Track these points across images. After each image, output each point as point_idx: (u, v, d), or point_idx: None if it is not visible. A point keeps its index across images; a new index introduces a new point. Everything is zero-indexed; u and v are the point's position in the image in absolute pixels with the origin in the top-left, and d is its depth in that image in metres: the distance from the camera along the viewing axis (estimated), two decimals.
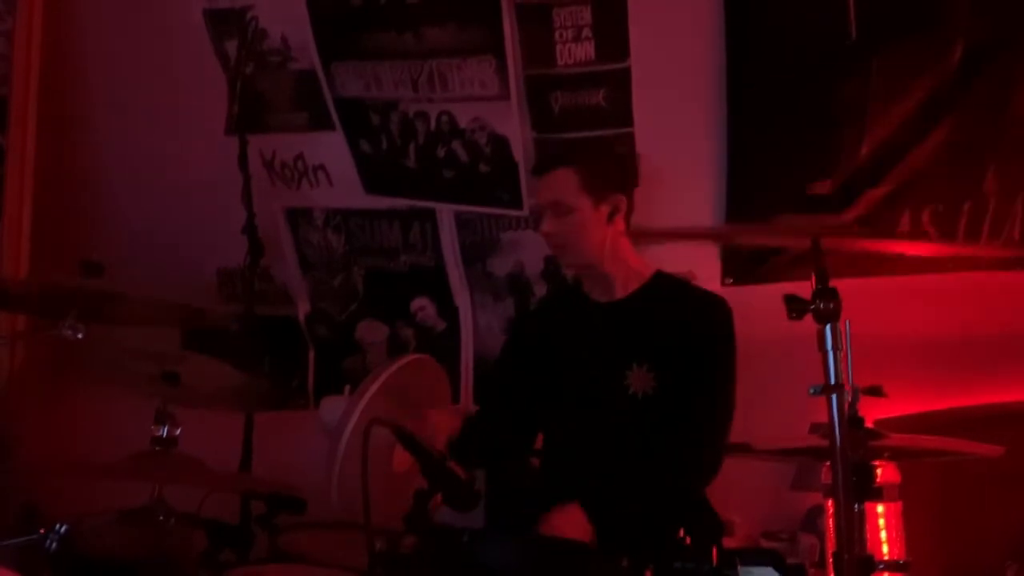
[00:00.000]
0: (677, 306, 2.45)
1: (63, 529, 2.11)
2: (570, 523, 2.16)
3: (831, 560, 1.64)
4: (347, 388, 3.21)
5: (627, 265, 2.50)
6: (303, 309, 3.60)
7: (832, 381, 1.56)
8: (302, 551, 2.22)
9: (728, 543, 2.50)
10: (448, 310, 3.46)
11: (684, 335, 2.37)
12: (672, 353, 2.36)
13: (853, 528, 1.59)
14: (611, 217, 2.44)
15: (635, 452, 2.35)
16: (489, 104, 3.17)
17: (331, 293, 3.58)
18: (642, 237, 2.59)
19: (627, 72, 3.04)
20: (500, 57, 3.09)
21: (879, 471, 1.95)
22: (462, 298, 3.44)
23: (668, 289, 2.51)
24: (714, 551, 1.70)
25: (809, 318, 1.65)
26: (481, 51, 3.12)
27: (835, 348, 1.57)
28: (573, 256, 2.50)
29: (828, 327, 1.58)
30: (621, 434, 2.38)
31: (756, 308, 2.21)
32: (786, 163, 2.98)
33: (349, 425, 2.09)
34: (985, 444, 2.00)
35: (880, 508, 2.39)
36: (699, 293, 2.51)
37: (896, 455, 2.09)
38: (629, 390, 2.36)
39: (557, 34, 3.05)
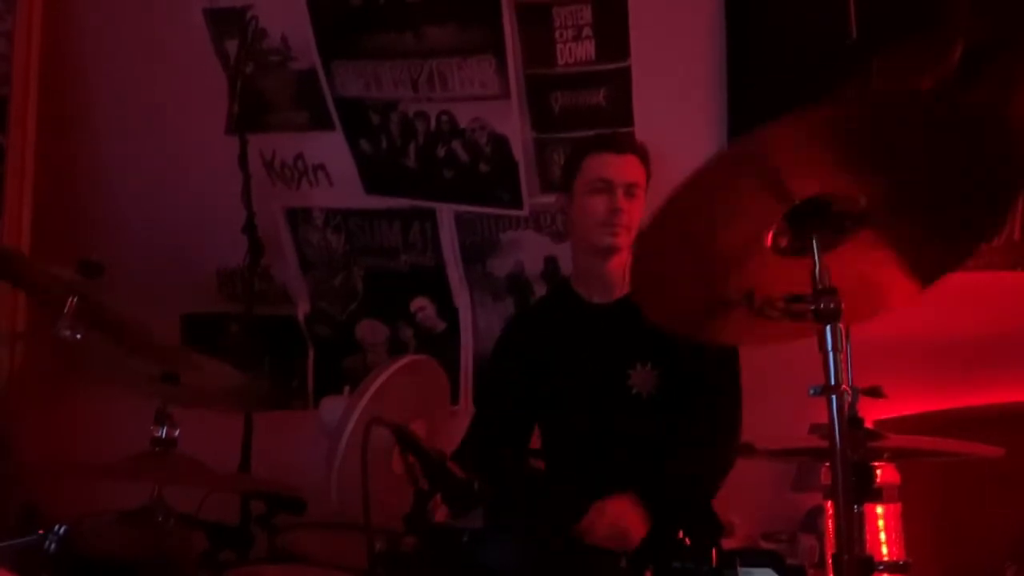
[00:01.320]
0: None
1: (62, 530, 2.11)
2: (627, 512, 2.14)
3: (831, 561, 1.63)
4: (347, 388, 3.22)
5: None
6: (303, 309, 3.60)
7: (832, 382, 1.55)
8: (302, 551, 2.22)
9: (728, 544, 2.50)
10: (448, 310, 3.46)
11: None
12: (675, 349, 2.34)
13: (853, 529, 1.58)
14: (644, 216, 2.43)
15: (641, 453, 2.35)
16: (489, 104, 3.17)
17: (331, 293, 3.58)
18: None
19: (627, 72, 3.04)
20: (500, 57, 3.10)
21: (879, 472, 1.94)
22: (462, 299, 3.44)
23: None
24: (713, 552, 1.70)
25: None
26: (481, 51, 3.12)
27: (835, 349, 1.56)
28: (627, 240, 2.44)
29: (828, 328, 1.57)
30: (625, 435, 2.37)
31: None
32: None
33: (349, 425, 2.09)
34: (985, 445, 2.00)
35: (880, 509, 2.39)
36: None
37: (896, 456, 2.08)
38: (632, 390, 2.36)
39: (557, 33, 3.05)
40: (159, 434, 2.19)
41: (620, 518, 2.13)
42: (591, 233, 2.45)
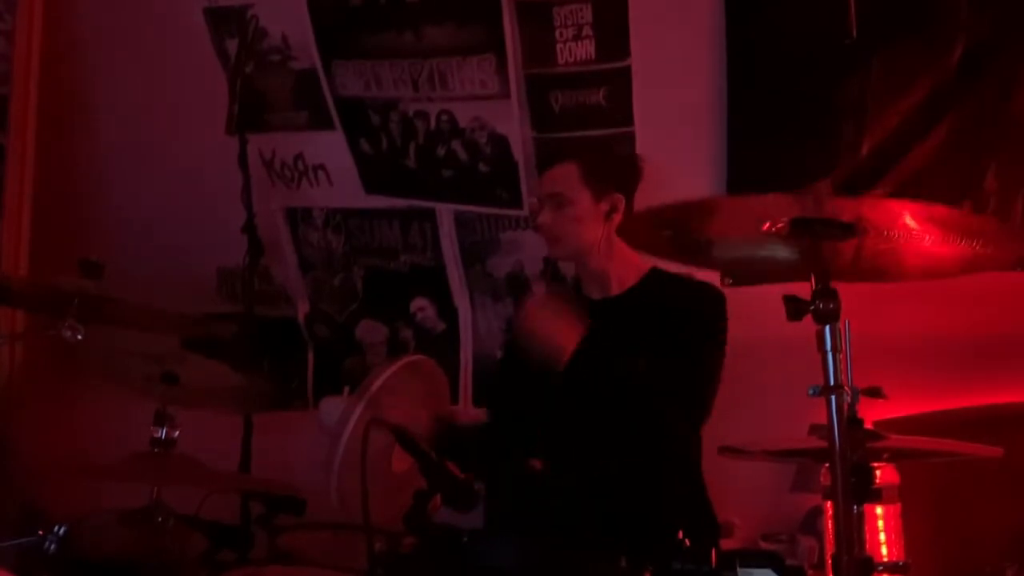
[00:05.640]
0: (671, 298, 2.46)
1: (62, 530, 2.11)
2: None
3: (830, 562, 1.64)
4: (346, 389, 3.22)
5: (623, 263, 2.51)
6: (303, 309, 3.60)
7: (831, 382, 1.55)
8: (302, 552, 2.22)
9: (727, 544, 2.50)
10: (448, 311, 3.46)
11: (677, 324, 2.37)
12: (666, 343, 2.36)
13: (852, 530, 1.58)
14: (609, 215, 2.45)
15: (632, 444, 2.36)
16: (489, 103, 3.17)
17: (331, 293, 3.58)
18: None
19: (627, 71, 3.04)
20: (500, 56, 3.09)
21: (878, 472, 1.94)
22: (462, 299, 3.44)
23: (663, 283, 2.52)
24: (713, 552, 1.70)
25: (808, 319, 1.64)
26: (481, 50, 3.12)
27: (834, 349, 1.57)
28: (564, 248, 2.52)
29: (828, 328, 1.57)
30: (618, 427, 2.38)
31: (755, 308, 2.21)
32: (786, 163, 2.98)
33: (349, 425, 2.09)
34: (985, 445, 2.00)
35: (879, 510, 2.39)
36: (693, 284, 2.50)
37: (895, 456, 2.09)
38: (630, 383, 2.37)
39: (557, 33, 3.05)
40: (159, 434, 2.20)
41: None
42: None
